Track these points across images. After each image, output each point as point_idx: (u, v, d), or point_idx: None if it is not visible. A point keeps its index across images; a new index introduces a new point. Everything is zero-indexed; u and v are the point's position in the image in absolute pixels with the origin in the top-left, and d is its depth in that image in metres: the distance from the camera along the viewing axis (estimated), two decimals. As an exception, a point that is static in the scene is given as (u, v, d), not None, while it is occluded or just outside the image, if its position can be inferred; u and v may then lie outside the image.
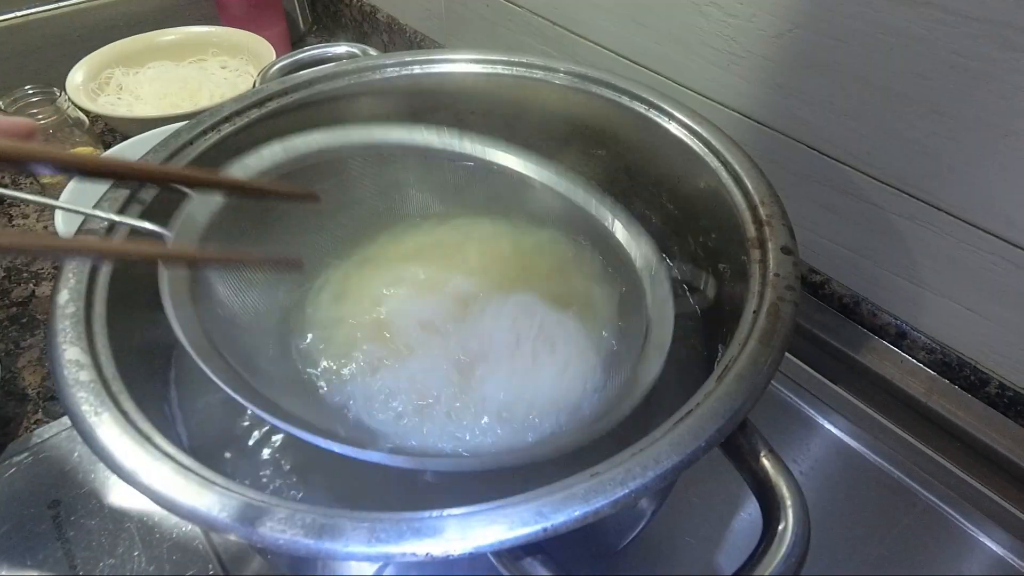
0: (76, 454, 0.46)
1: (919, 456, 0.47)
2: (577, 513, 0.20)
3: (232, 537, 0.21)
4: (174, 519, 0.43)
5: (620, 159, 0.42)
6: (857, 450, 0.47)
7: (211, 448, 0.33)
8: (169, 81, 0.76)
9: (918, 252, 0.45)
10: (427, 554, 0.19)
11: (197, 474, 0.21)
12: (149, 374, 0.31)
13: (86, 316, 0.25)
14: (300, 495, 0.32)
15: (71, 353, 0.23)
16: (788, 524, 0.21)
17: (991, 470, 0.47)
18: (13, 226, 0.65)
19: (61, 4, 0.75)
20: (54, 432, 0.48)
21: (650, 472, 0.21)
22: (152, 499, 0.20)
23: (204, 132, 0.35)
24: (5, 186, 0.70)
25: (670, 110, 0.36)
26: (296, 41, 0.96)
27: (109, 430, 0.22)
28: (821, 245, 0.51)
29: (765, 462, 0.22)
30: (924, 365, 0.49)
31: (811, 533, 0.22)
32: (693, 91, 0.52)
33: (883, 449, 0.47)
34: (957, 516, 0.44)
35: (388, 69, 0.41)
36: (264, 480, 0.33)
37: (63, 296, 0.25)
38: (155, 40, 0.79)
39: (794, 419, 0.49)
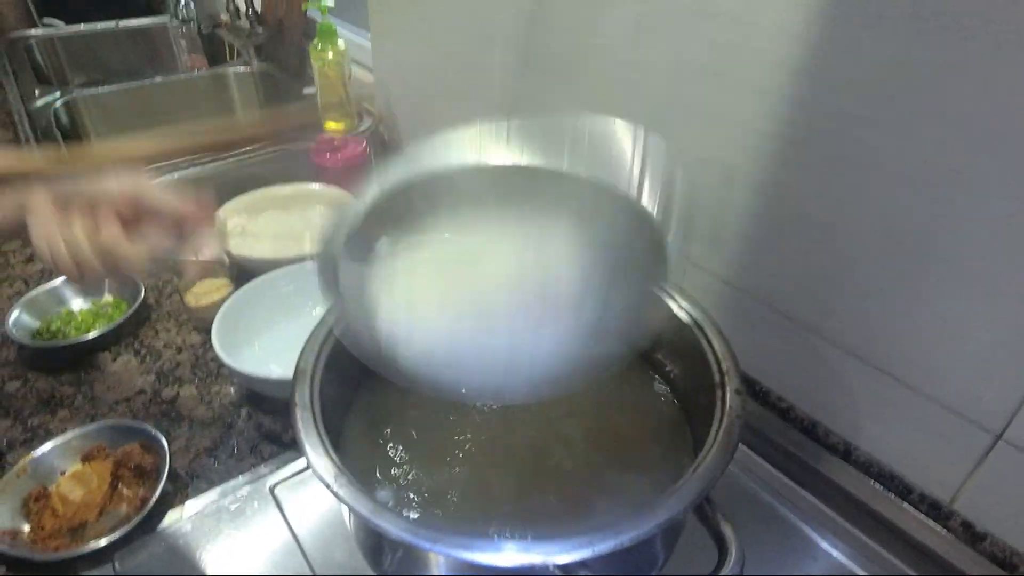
0: (220, 523, 0.59)
1: (871, 552, 0.56)
2: (612, 542, 0.35)
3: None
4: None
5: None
6: (824, 548, 0.57)
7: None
8: (280, 227, 0.95)
9: (854, 389, 0.57)
10: (521, 564, 0.34)
11: (375, 504, 0.37)
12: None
13: (313, 417, 0.42)
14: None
15: (312, 441, 0.40)
16: (732, 556, 0.36)
17: (925, 562, 0.57)
18: (159, 337, 0.83)
19: (206, 164, 0.99)
20: (203, 504, 0.61)
21: (651, 522, 0.36)
22: (357, 514, 0.36)
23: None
24: (150, 305, 0.88)
25: (671, 292, 0.54)
26: (370, 191, 1.18)
27: (341, 486, 0.38)
28: (785, 379, 0.65)
29: (719, 520, 0.37)
30: (866, 475, 0.59)
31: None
32: (691, 262, 0.71)
33: (846, 549, 0.56)
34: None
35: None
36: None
37: (301, 409, 0.42)
38: (272, 193, 0.99)
39: (770, 517, 0.60)
